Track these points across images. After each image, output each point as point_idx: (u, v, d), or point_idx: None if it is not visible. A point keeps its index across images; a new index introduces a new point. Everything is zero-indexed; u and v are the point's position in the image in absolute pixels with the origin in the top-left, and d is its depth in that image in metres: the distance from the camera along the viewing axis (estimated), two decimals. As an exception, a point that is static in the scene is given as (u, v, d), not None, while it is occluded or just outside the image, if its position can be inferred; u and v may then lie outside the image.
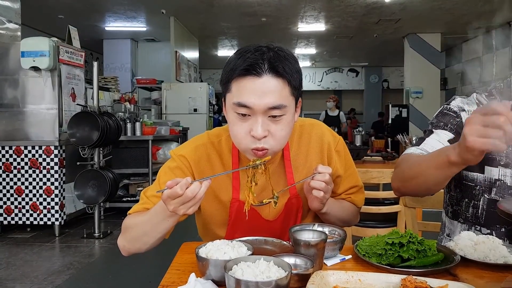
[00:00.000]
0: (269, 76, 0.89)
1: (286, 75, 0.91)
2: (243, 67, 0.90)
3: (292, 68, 0.92)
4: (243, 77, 0.90)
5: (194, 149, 1.08)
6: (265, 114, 0.90)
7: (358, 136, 4.18)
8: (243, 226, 1.05)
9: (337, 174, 1.14)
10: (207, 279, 0.78)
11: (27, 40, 3.88)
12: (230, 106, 0.93)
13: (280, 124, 0.92)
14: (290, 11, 7.54)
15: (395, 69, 13.98)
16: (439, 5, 7.18)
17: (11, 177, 3.94)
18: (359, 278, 0.76)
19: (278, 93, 0.90)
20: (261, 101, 0.89)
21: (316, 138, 1.12)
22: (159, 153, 5.36)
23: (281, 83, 0.90)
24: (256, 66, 0.89)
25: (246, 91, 0.90)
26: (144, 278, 2.90)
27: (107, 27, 8.74)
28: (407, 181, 1.04)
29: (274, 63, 0.90)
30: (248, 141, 0.93)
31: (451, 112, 1.14)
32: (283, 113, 0.91)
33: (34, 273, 2.98)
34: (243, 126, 0.92)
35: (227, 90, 0.94)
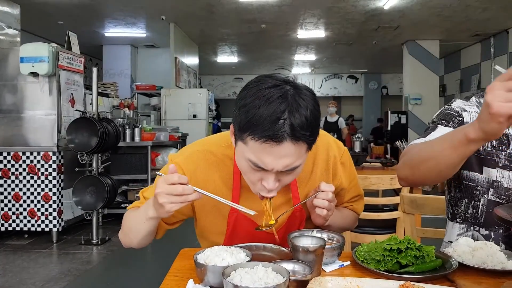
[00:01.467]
0: (289, 142, 0.83)
1: (305, 140, 0.85)
2: (264, 134, 0.82)
3: (313, 126, 0.86)
4: (261, 139, 0.83)
5: (189, 156, 1.06)
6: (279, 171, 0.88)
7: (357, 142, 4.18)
8: (242, 236, 1.04)
9: (342, 187, 1.14)
10: (205, 285, 0.78)
11: (27, 46, 3.89)
12: (243, 158, 0.89)
13: (292, 175, 0.92)
14: (290, 18, 7.59)
15: (394, 75, 14.03)
16: (438, 12, 7.23)
17: (9, 183, 3.93)
18: (358, 284, 0.76)
19: (295, 156, 0.86)
20: (277, 164, 0.85)
21: (323, 150, 1.11)
22: (158, 159, 5.35)
23: (299, 146, 0.85)
24: (277, 135, 0.82)
25: (264, 154, 0.85)
26: (142, 285, 2.89)
27: (106, 33, 8.77)
28: (417, 167, 1.00)
29: (296, 131, 0.83)
30: (258, 187, 0.92)
31: (452, 112, 1.14)
32: (296, 168, 0.90)
33: (31, 280, 2.96)
34: (255, 175, 0.90)
35: (242, 140, 0.87)
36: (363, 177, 2.34)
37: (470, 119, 1.11)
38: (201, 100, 7.33)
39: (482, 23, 7.89)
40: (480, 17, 7.46)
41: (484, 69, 9.30)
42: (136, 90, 7.76)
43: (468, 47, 9.97)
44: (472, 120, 1.09)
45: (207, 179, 1.04)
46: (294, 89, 0.86)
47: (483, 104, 0.76)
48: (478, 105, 1.13)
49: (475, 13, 7.24)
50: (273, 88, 0.84)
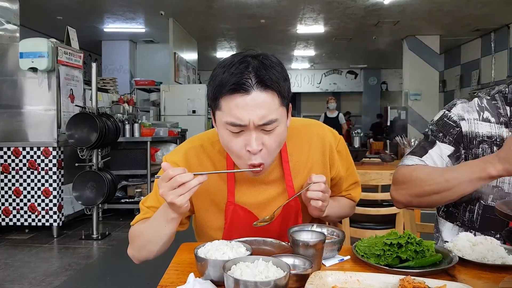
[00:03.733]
0: (258, 91, 0.87)
1: (274, 86, 0.89)
2: (231, 85, 0.87)
3: (280, 77, 0.90)
4: (232, 94, 0.88)
5: (184, 154, 1.07)
6: (258, 128, 0.90)
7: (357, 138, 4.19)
8: (240, 228, 1.05)
9: (339, 176, 1.14)
10: (206, 279, 0.78)
11: (26, 41, 3.88)
12: (222, 124, 0.92)
13: (273, 135, 0.92)
14: (289, 13, 7.56)
15: (394, 71, 14.01)
16: (438, 7, 7.21)
17: (9, 178, 3.94)
18: (358, 278, 0.76)
19: (268, 107, 0.89)
20: (252, 117, 0.88)
21: (318, 139, 1.11)
22: (157, 155, 5.36)
23: (270, 96, 0.89)
24: (244, 83, 0.87)
25: (237, 110, 0.88)
26: (143, 279, 2.90)
27: (105, 28, 8.74)
28: (427, 196, 1.05)
29: (261, 76, 0.88)
30: (244, 157, 0.93)
31: (450, 121, 1.13)
32: (275, 126, 0.91)
33: (32, 274, 2.97)
34: (237, 142, 0.92)
35: (216, 107, 0.92)
36: (363, 173, 2.35)
37: (468, 128, 1.10)
38: (200, 96, 7.32)
39: (482, 18, 7.87)
40: (481, 12, 7.44)
41: (484, 64, 9.29)
42: (135, 85, 7.74)
43: (468, 43, 9.94)
44: (470, 130, 1.10)
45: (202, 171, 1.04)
46: (256, 55, 0.92)
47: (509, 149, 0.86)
48: (479, 109, 1.12)
49: (475, 8, 7.21)
50: (235, 57, 0.92)
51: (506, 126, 1.08)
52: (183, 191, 0.85)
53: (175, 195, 0.85)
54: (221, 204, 1.05)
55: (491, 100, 1.12)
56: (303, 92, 14.96)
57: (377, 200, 2.56)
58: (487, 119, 1.10)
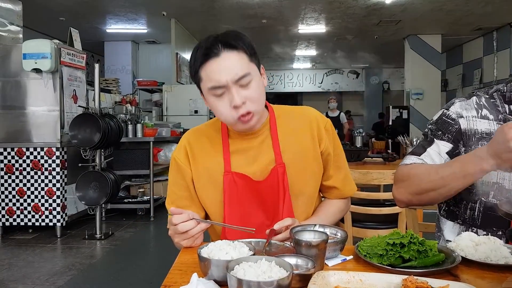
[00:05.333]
0: (226, 52, 1.02)
1: (239, 46, 1.04)
2: (202, 54, 1.03)
3: (243, 39, 1.06)
4: (206, 62, 1.03)
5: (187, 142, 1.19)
6: (236, 85, 1.03)
7: (359, 137, 4.18)
8: (238, 196, 1.12)
9: (328, 152, 1.20)
10: (209, 279, 0.78)
11: (29, 42, 3.89)
12: (207, 92, 1.06)
13: (251, 88, 1.04)
14: (291, 13, 7.55)
15: (395, 70, 13.98)
16: (440, 7, 7.19)
17: (13, 178, 3.95)
18: (360, 278, 0.76)
19: (238, 64, 1.03)
20: (227, 75, 1.01)
21: (305, 117, 1.21)
22: (160, 155, 5.37)
23: (237, 54, 1.03)
24: (212, 49, 1.02)
25: (214, 73, 1.02)
26: (146, 279, 2.91)
27: (108, 29, 8.76)
28: (424, 193, 1.07)
29: (226, 41, 1.03)
30: (233, 113, 1.04)
31: (449, 119, 1.14)
32: (250, 80, 1.04)
33: (36, 274, 2.99)
34: (223, 103, 1.04)
35: (199, 80, 1.07)
36: (365, 172, 2.35)
37: (467, 125, 1.12)
38: (203, 96, 7.30)
39: (484, 17, 7.84)
40: (483, 11, 7.41)
41: (486, 63, 9.26)
42: (138, 86, 7.75)
43: (470, 41, 9.91)
44: (468, 127, 1.11)
45: (202, 150, 1.17)
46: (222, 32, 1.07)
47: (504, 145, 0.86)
48: (477, 107, 1.13)
49: (477, 7, 7.19)
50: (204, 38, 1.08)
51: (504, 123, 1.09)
52: (186, 237, 0.98)
53: (180, 239, 0.99)
54: (219, 177, 1.13)
55: (490, 99, 1.13)
56: (305, 91, 14.95)
57: (380, 200, 2.56)
58: (486, 116, 1.11)
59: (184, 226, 0.96)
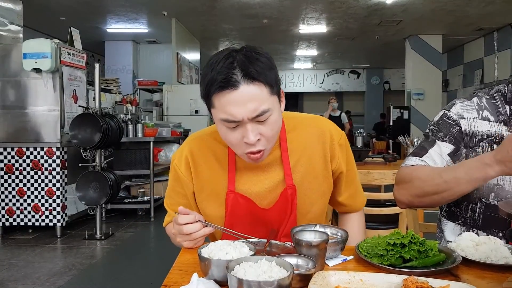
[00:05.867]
0: (245, 84, 0.89)
1: (261, 77, 0.91)
2: (218, 82, 0.90)
3: (265, 67, 0.92)
4: (221, 92, 0.90)
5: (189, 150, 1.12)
6: (252, 120, 0.93)
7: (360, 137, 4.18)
8: (240, 217, 1.08)
9: (340, 170, 1.13)
10: (209, 279, 0.78)
11: (29, 42, 3.89)
12: (218, 120, 0.95)
13: (268, 124, 0.95)
14: (292, 12, 7.56)
15: (396, 70, 13.98)
16: (441, 7, 7.18)
17: (13, 178, 3.95)
18: (361, 278, 0.76)
19: (258, 99, 0.91)
20: (245, 111, 0.90)
21: (318, 130, 1.12)
22: (160, 155, 5.37)
23: (258, 88, 0.91)
24: (230, 79, 0.89)
25: (229, 106, 0.90)
26: (146, 279, 2.90)
27: (108, 29, 8.76)
28: (427, 196, 1.07)
29: (246, 69, 0.89)
30: (243, 147, 0.96)
31: (450, 121, 1.14)
32: (269, 115, 0.94)
33: (36, 274, 2.99)
34: (235, 135, 0.95)
35: (210, 106, 0.95)
36: (366, 172, 2.34)
37: (468, 126, 1.12)
38: (203, 96, 7.30)
39: (485, 17, 7.84)
40: (484, 11, 7.41)
41: (487, 63, 9.25)
42: (138, 86, 7.76)
43: (471, 42, 9.91)
44: (469, 128, 1.11)
45: (205, 163, 1.10)
46: (241, 48, 0.94)
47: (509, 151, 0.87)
48: (478, 108, 1.13)
49: (478, 7, 7.19)
50: (220, 54, 0.94)
51: (505, 125, 1.09)
52: (189, 239, 0.97)
53: (182, 239, 0.98)
54: (222, 193, 1.08)
55: (491, 100, 1.13)
56: (306, 92, 14.95)
57: (380, 200, 2.56)
58: (487, 117, 1.11)
59: (189, 228, 0.95)
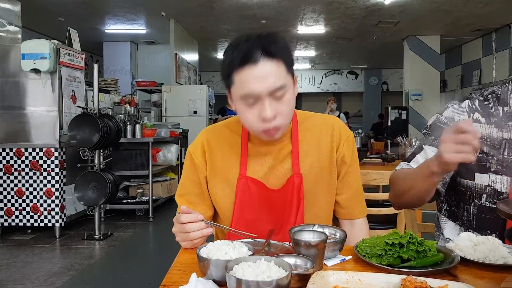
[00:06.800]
0: (264, 60, 0.96)
1: (279, 56, 0.98)
2: (239, 58, 0.96)
3: (283, 47, 1.00)
4: (242, 68, 0.96)
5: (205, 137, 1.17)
6: (269, 96, 0.98)
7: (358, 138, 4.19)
8: (249, 200, 1.10)
9: (344, 160, 1.15)
10: (208, 279, 0.78)
11: (28, 43, 3.88)
12: (237, 98, 1.00)
13: (284, 102, 1.00)
14: (290, 13, 7.56)
15: (394, 71, 13.99)
16: (439, 7, 7.20)
17: (12, 179, 3.94)
18: (359, 278, 0.76)
19: (276, 75, 0.97)
20: (263, 85, 0.96)
21: (327, 127, 1.16)
22: (159, 155, 5.36)
23: (276, 64, 0.97)
24: (251, 54, 0.95)
25: (248, 81, 0.96)
26: (145, 279, 2.90)
27: (107, 29, 8.75)
28: (403, 195, 1.14)
29: (266, 47, 0.96)
30: (260, 125, 1.00)
31: (442, 124, 1.17)
32: (284, 92, 0.99)
33: (34, 275, 2.98)
34: (252, 112, 1.00)
35: (231, 83, 1.00)
36: (364, 173, 2.34)
37: None
38: (201, 97, 7.32)
39: (483, 18, 7.86)
40: (482, 11, 7.43)
41: (485, 64, 9.27)
42: (137, 86, 7.75)
43: (469, 42, 9.92)
44: None
45: (219, 150, 1.15)
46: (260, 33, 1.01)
47: (438, 150, 0.92)
48: (469, 111, 1.15)
49: (476, 7, 7.20)
50: (241, 37, 1.00)
51: (496, 126, 1.11)
52: (187, 239, 0.97)
53: (181, 238, 0.99)
54: (233, 178, 1.12)
55: (484, 101, 1.14)
56: (304, 92, 14.95)
57: (378, 200, 2.56)
58: (477, 120, 1.13)
59: (191, 227, 0.96)
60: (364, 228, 1.21)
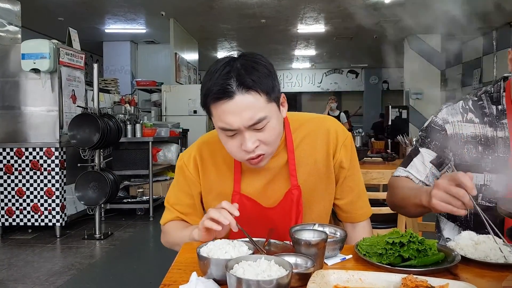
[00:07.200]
0: (240, 94, 0.90)
1: (257, 87, 0.91)
2: (214, 93, 0.91)
3: (261, 76, 0.93)
4: (217, 101, 0.92)
5: (198, 149, 1.15)
6: (249, 129, 0.94)
7: (358, 137, 4.18)
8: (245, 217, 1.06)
9: (342, 166, 1.11)
10: (208, 278, 0.78)
11: (28, 43, 3.88)
12: (218, 128, 0.98)
13: (266, 131, 0.95)
14: (290, 12, 7.55)
15: (395, 70, 13.97)
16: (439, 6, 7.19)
17: (12, 178, 3.95)
18: (360, 277, 0.76)
19: (254, 108, 0.91)
20: (240, 120, 0.92)
21: (325, 131, 1.11)
22: (159, 155, 5.36)
23: (254, 97, 0.91)
24: (226, 89, 0.90)
25: (225, 115, 0.92)
26: (145, 278, 2.90)
27: (107, 29, 8.75)
28: (398, 209, 1.22)
29: (242, 79, 0.90)
30: (242, 154, 0.97)
31: (437, 126, 1.18)
32: (266, 123, 0.94)
33: (35, 274, 2.98)
34: (233, 143, 0.97)
35: (209, 114, 0.98)
36: (364, 172, 2.34)
37: (453, 130, 1.15)
38: (202, 96, 7.30)
39: (484, 17, 7.84)
40: (483, 10, 7.41)
41: (486, 63, 9.26)
42: (137, 86, 7.75)
43: (470, 41, 9.91)
44: (454, 132, 1.15)
45: (213, 165, 1.13)
46: (239, 56, 0.95)
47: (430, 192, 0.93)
48: (463, 111, 1.16)
49: (477, 6, 7.19)
50: (219, 62, 0.95)
51: (490, 126, 1.12)
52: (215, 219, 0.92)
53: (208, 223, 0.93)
54: (229, 194, 1.09)
55: (478, 101, 1.15)
56: (304, 91, 14.95)
57: (379, 199, 2.56)
58: (471, 120, 1.14)
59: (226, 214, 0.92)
60: (367, 229, 1.19)
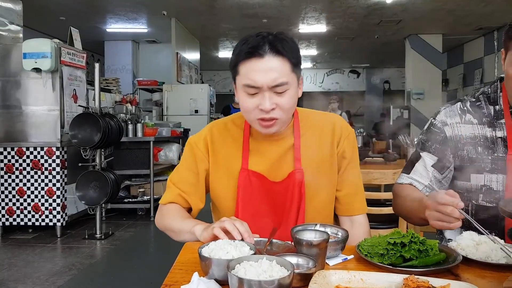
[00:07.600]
0: (271, 55, 1.00)
1: (285, 53, 1.02)
2: (247, 50, 1.01)
3: (291, 47, 1.04)
4: (248, 59, 1.01)
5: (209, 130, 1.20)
6: (270, 90, 1.01)
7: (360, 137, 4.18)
8: (251, 193, 1.12)
9: (344, 156, 1.17)
10: (210, 278, 0.78)
11: (29, 42, 3.89)
12: (240, 87, 1.05)
13: (285, 97, 1.03)
14: (291, 12, 7.55)
15: (396, 70, 13.96)
16: (441, 6, 7.18)
17: (13, 178, 3.95)
18: (361, 277, 0.76)
19: (280, 71, 1.01)
20: (265, 78, 1.00)
21: (328, 124, 1.18)
22: (160, 154, 5.36)
23: (281, 61, 1.01)
24: (258, 48, 1.00)
25: (252, 72, 1.01)
26: (147, 279, 2.91)
27: (108, 28, 8.76)
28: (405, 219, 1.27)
29: (273, 44, 1.01)
30: (256, 113, 1.03)
31: (436, 129, 1.19)
32: (286, 89, 1.02)
33: (36, 274, 2.99)
34: (252, 101, 1.03)
35: (236, 73, 1.05)
36: (366, 172, 2.34)
37: (452, 132, 1.16)
38: (203, 96, 7.32)
39: (485, 17, 7.84)
40: (484, 10, 7.41)
41: (487, 63, 9.25)
42: (138, 85, 7.75)
43: (471, 41, 9.90)
44: (453, 134, 1.16)
45: (223, 144, 1.17)
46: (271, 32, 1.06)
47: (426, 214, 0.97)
48: (461, 113, 1.16)
49: (478, 6, 7.18)
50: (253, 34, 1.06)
51: (488, 126, 1.12)
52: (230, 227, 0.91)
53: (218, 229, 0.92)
54: (236, 172, 1.13)
55: (475, 102, 1.16)
56: (306, 91, 14.92)
57: (380, 200, 2.56)
58: (469, 121, 1.15)
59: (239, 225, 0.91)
60: (364, 225, 1.20)
